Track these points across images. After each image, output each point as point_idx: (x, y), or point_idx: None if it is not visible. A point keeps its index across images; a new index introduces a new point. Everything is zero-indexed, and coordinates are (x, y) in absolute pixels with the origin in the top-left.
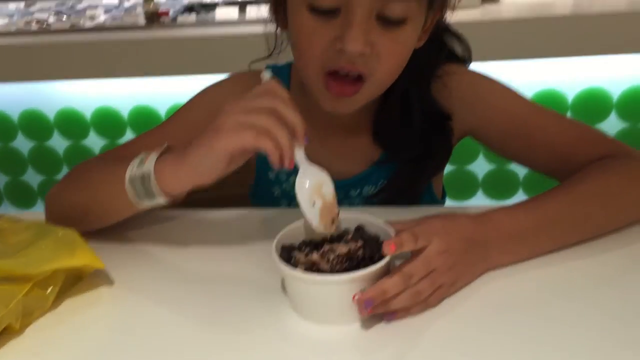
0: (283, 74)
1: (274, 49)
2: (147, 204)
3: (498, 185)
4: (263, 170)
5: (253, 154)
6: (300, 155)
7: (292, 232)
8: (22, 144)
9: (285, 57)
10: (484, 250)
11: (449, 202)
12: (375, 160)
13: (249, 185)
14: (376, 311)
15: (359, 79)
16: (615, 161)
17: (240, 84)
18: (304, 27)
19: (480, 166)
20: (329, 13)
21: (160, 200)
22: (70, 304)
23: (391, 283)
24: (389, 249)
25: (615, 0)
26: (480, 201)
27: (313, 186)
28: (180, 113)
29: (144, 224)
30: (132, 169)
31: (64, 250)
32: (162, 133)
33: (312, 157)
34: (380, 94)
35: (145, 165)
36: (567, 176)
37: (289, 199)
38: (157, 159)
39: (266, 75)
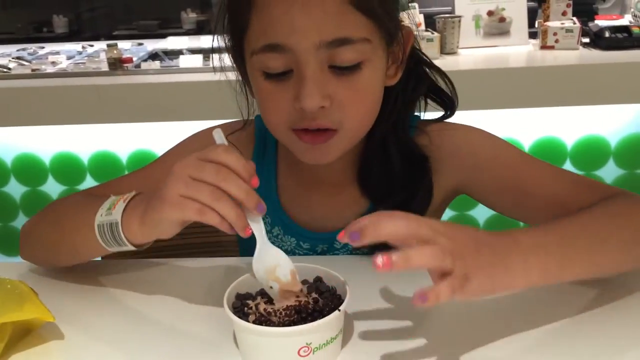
0: None
1: (247, 118)
2: (117, 249)
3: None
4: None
5: None
6: (257, 229)
7: (250, 280)
8: None
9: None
10: (503, 259)
11: None
12: (362, 212)
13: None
14: (395, 266)
15: (328, 129)
16: (618, 197)
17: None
18: (263, 92)
19: (481, 212)
20: (282, 75)
21: (131, 247)
22: (18, 359)
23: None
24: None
25: (566, 54)
26: None
27: (266, 270)
28: (161, 159)
29: (98, 274)
30: (101, 215)
31: (11, 302)
32: (143, 177)
33: (298, 212)
34: (363, 142)
35: (112, 213)
36: None
37: None
38: (127, 206)
39: (216, 137)
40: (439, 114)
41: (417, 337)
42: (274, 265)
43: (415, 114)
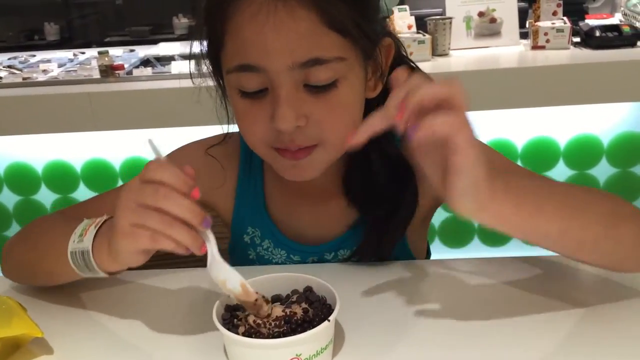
0: None
1: (227, 132)
2: (91, 275)
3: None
4: (238, 233)
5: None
6: (208, 244)
7: None
8: None
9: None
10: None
11: (444, 251)
12: (350, 224)
13: (228, 240)
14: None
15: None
16: (606, 195)
17: (201, 150)
18: (240, 111)
19: None
20: (259, 93)
21: (104, 275)
22: None
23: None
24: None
25: (557, 54)
26: (475, 248)
27: (218, 284)
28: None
29: (87, 289)
30: (74, 242)
31: None
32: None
33: (287, 224)
34: (346, 154)
35: (84, 241)
36: None
37: (263, 263)
38: (97, 233)
39: (150, 146)
40: None
41: (409, 346)
42: (223, 280)
43: None
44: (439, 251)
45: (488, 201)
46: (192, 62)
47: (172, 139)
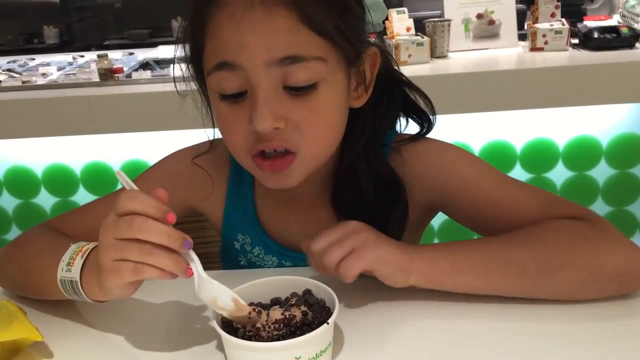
0: None
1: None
2: (81, 300)
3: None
4: (229, 239)
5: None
6: (192, 265)
7: (241, 292)
8: None
9: None
10: (399, 244)
11: None
12: None
13: (219, 244)
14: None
15: (287, 153)
16: (571, 220)
17: (188, 158)
18: (221, 116)
19: None
20: (238, 97)
21: (94, 302)
22: None
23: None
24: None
25: (556, 55)
26: None
27: (209, 303)
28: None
29: None
30: (62, 270)
31: None
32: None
33: (278, 231)
34: (334, 164)
35: (72, 270)
36: None
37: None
38: (85, 263)
39: (120, 179)
40: None
41: (408, 348)
42: (213, 297)
43: (397, 129)
44: None
45: (408, 272)
46: (178, 67)
47: (171, 142)
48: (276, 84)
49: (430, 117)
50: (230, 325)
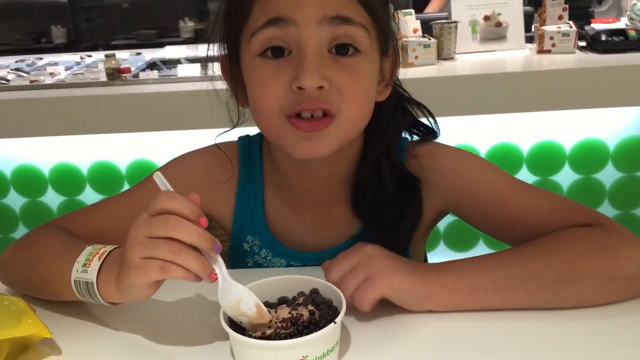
0: (254, 146)
1: (238, 119)
2: (93, 302)
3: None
4: (238, 240)
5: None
6: (218, 268)
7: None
8: None
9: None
10: (415, 268)
11: (449, 255)
12: (354, 234)
13: (228, 244)
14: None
15: (325, 117)
16: (584, 228)
17: (205, 159)
18: (258, 76)
19: None
20: (281, 57)
21: (108, 305)
22: None
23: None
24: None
25: (563, 58)
26: (481, 252)
27: (231, 307)
28: (143, 182)
29: None
30: (77, 271)
31: (9, 319)
32: (125, 204)
33: (287, 233)
34: (355, 162)
35: (88, 272)
36: None
37: None
38: (103, 265)
39: (157, 181)
40: None
41: (415, 348)
42: (237, 302)
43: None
44: (444, 255)
45: (425, 299)
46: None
47: (178, 142)
48: (323, 45)
49: (435, 129)
50: (237, 324)
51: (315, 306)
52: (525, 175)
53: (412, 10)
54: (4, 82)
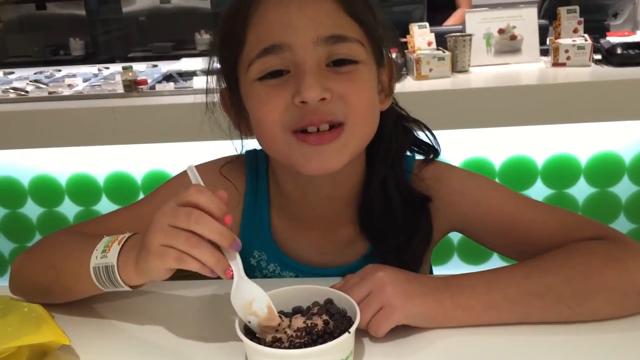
0: (261, 161)
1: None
2: (112, 289)
3: None
4: (245, 256)
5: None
6: (234, 264)
7: None
8: None
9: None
10: (429, 289)
11: (463, 269)
12: (362, 254)
13: None
14: None
15: (333, 129)
16: (596, 241)
17: (214, 171)
18: (259, 97)
19: None
20: (280, 77)
21: (127, 289)
22: None
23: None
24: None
25: (578, 71)
26: (495, 266)
27: (243, 305)
28: (151, 196)
29: (113, 298)
30: (96, 258)
31: (29, 325)
32: (133, 216)
33: (294, 250)
34: (362, 182)
35: (108, 256)
36: None
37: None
38: (122, 249)
39: (190, 174)
40: None
41: (429, 359)
42: (250, 300)
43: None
44: (458, 268)
45: (440, 321)
46: (205, 79)
47: (193, 153)
48: (321, 61)
49: (435, 145)
50: (252, 333)
51: (330, 316)
52: (540, 188)
53: (427, 24)
54: (23, 93)
